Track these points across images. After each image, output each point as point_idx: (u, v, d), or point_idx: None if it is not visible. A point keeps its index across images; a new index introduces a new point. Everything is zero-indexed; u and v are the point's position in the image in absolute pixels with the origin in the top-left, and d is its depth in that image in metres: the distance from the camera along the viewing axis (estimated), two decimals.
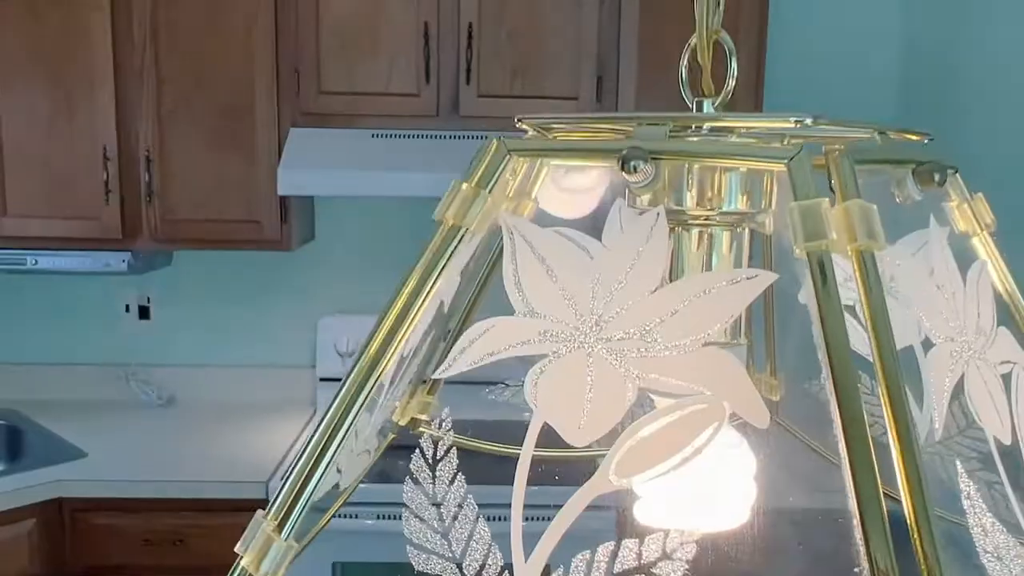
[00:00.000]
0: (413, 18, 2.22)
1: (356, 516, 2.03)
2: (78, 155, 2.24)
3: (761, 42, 2.27)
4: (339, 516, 1.90)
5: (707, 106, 0.49)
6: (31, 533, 2.01)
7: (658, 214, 0.40)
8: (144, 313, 2.67)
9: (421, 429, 0.58)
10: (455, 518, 0.41)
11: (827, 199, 0.37)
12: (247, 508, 2.05)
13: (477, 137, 2.24)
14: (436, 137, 2.24)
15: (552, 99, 2.26)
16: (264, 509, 0.41)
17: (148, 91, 2.22)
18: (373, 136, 2.24)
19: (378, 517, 2.03)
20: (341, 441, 0.40)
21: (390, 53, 2.23)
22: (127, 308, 2.66)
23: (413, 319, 0.41)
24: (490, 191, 0.43)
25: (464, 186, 0.44)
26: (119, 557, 2.08)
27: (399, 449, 1.96)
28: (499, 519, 0.43)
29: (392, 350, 0.41)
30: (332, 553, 2.06)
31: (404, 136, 2.24)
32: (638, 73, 2.25)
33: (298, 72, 2.24)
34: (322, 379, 2.60)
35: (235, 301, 2.67)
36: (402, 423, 0.60)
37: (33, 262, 2.30)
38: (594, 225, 0.45)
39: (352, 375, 0.41)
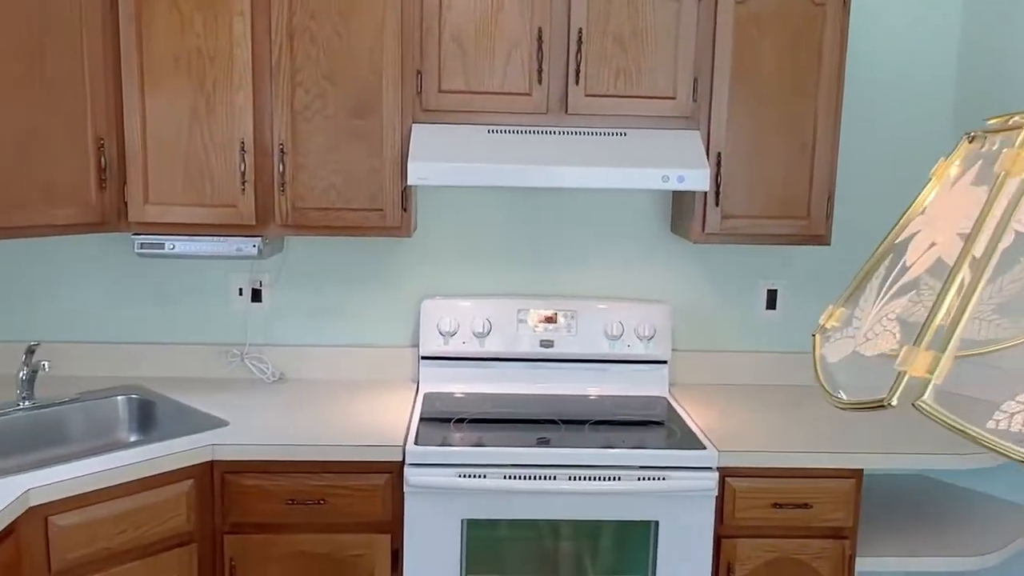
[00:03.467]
0: (527, 23, 2.42)
1: (484, 476, 2.23)
2: (218, 148, 2.43)
3: None
4: (468, 476, 2.15)
5: None
6: (188, 492, 2.20)
7: None
8: (256, 296, 2.86)
9: None
10: None
11: None
12: (383, 470, 2.28)
13: (584, 132, 2.45)
14: (546, 132, 2.44)
15: (652, 99, 2.47)
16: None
17: (283, 89, 2.42)
18: (489, 132, 2.44)
19: (505, 477, 2.23)
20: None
21: (505, 55, 2.43)
22: (240, 291, 2.86)
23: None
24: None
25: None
26: (264, 516, 2.27)
27: (527, 423, 2.20)
28: None
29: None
30: (461, 510, 2.26)
31: (517, 131, 2.44)
32: (731, 75, 2.46)
33: (420, 73, 2.44)
34: (424, 358, 2.80)
35: (343, 284, 2.87)
36: None
37: (171, 247, 2.49)
38: None
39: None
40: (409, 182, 2.33)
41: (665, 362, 2.83)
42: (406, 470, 2.24)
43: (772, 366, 2.95)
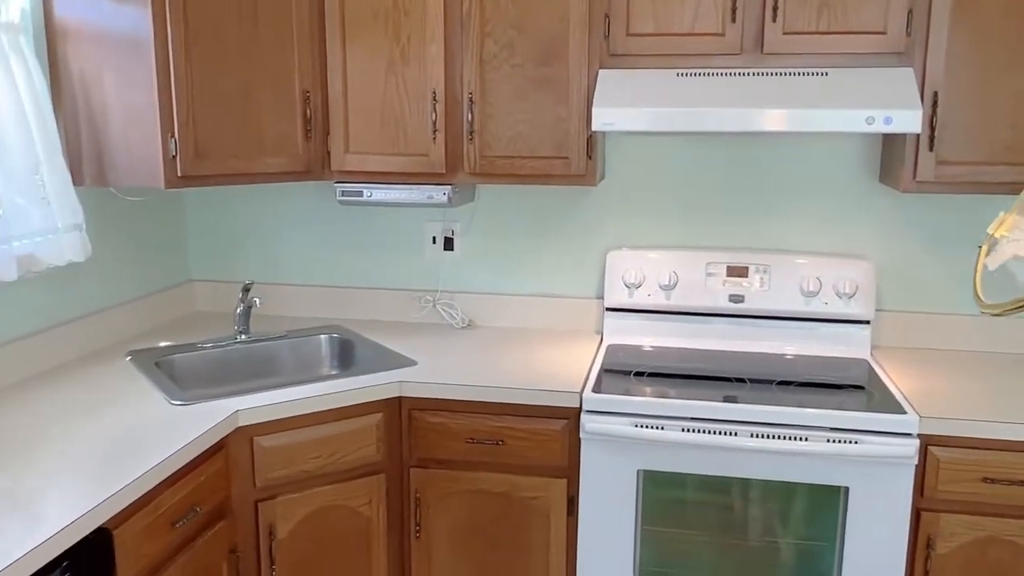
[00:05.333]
0: None
1: (663, 428, 2.19)
2: (411, 98, 2.52)
3: None
4: (644, 426, 2.09)
5: None
6: (378, 425, 2.33)
7: None
8: (448, 244, 2.95)
9: None
10: None
11: None
12: (560, 416, 2.29)
13: (780, 73, 2.30)
14: (738, 74, 2.32)
15: (859, 34, 2.28)
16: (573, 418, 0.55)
17: (472, 40, 2.46)
18: (678, 75, 2.35)
19: (683, 430, 2.18)
20: None
21: None
22: (434, 240, 2.96)
23: None
24: None
25: None
26: (446, 452, 2.36)
27: (701, 378, 2.08)
28: None
29: None
30: (637, 461, 2.23)
31: (708, 74, 2.34)
32: (953, 4, 2.21)
33: (608, 17, 2.39)
34: (608, 309, 2.78)
35: (530, 234, 2.90)
36: None
37: (369, 194, 2.62)
38: None
39: None
40: (593, 128, 2.30)
41: (867, 322, 2.64)
42: (582, 417, 2.24)
43: (988, 331, 2.67)
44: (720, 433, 2.16)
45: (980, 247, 0.80)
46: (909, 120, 2.16)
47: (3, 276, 2.15)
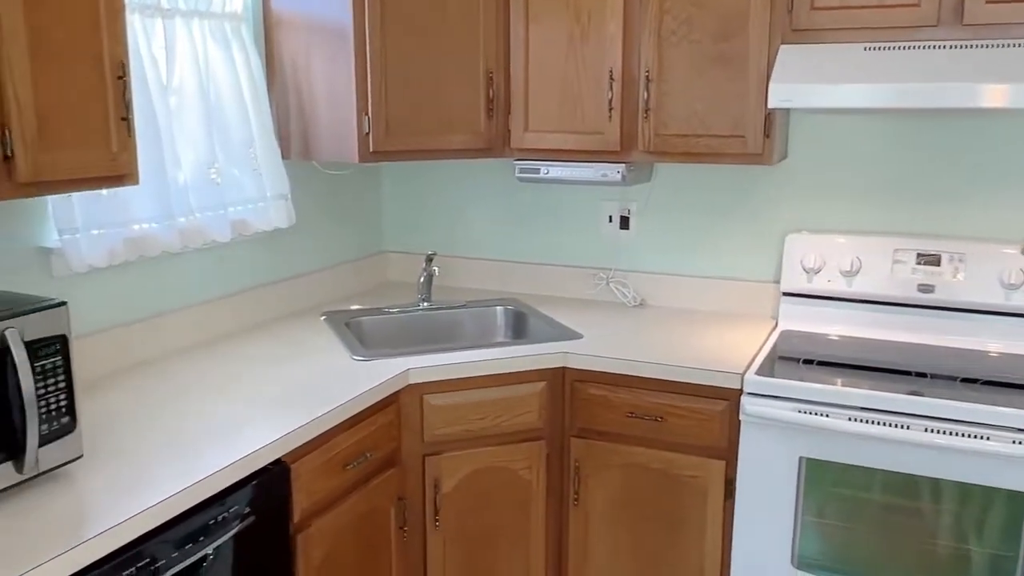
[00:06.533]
0: None
1: (828, 415, 2.11)
2: (589, 77, 2.57)
3: None
4: (807, 413, 2.02)
5: None
6: (540, 393, 2.41)
7: None
8: (624, 224, 2.98)
9: None
10: None
11: None
12: (722, 397, 2.26)
13: (981, 45, 2.14)
14: (935, 47, 2.18)
15: None
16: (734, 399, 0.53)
17: (651, 17, 2.47)
18: (865, 49, 2.24)
19: (849, 419, 2.09)
20: None
21: None
22: (610, 219, 3.00)
23: None
24: None
25: None
26: (606, 425, 2.40)
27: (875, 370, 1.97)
28: None
29: None
30: (799, 448, 2.17)
31: (899, 48, 2.21)
32: None
33: None
34: (785, 294, 2.70)
35: (705, 215, 2.87)
36: None
37: (546, 171, 2.70)
38: None
39: None
40: (770, 105, 2.25)
41: None
42: (743, 399, 2.20)
43: None
44: (890, 425, 2.06)
45: None
46: None
47: (219, 237, 2.43)
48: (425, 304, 2.90)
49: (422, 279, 2.90)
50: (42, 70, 1.58)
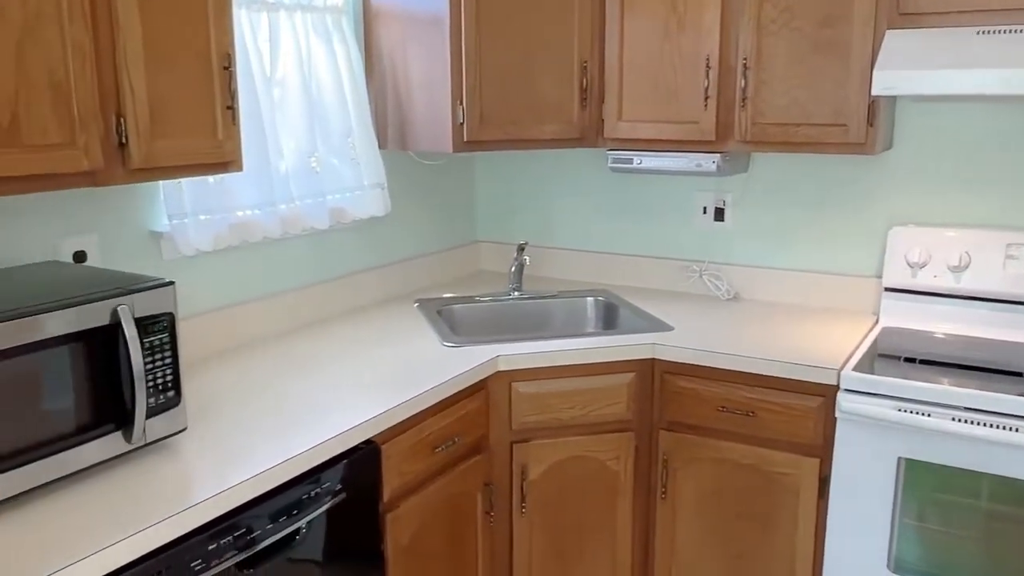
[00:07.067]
0: None
1: (930, 415, 2.03)
2: (684, 66, 2.53)
3: None
4: (907, 411, 1.94)
5: None
6: (629, 384, 2.39)
7: None
8: (719, 215, 2.93)
9: None
10: None
11: None
12: (817, 393, 2.20)
13: None
14: None
15: None
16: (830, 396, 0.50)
17: (750, 5, 2.41)
18: (978, 33, 2.14)
19: (952, 419, 2.01)
20: None
21: None
22: (704, 210, 2.95)
23: None
24: None
25: None
26: (696, 418, 2.37)
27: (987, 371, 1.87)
28: None
29: None
30: (898, 448, 2.09)
31: (1014, 31, 2.10)
32: None
33: None
34: (887, 289, 2.60)
35: (804, 207, 2.80)
36: None
37: (639, 162, 2.68)
38: None
39: None
40: (873, 93, 2.17)
41: None
42: (839, 396, 2.14)
43: None
44: (997, 427, 1.96)
45: None
46: None
47: (317, 224, 2.50)
48: (516, 293, 2.92)
49: (513, 268, 2.92)
50: (154, 62, 1.67)
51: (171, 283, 1.64)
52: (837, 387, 2.17)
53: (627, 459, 2.43)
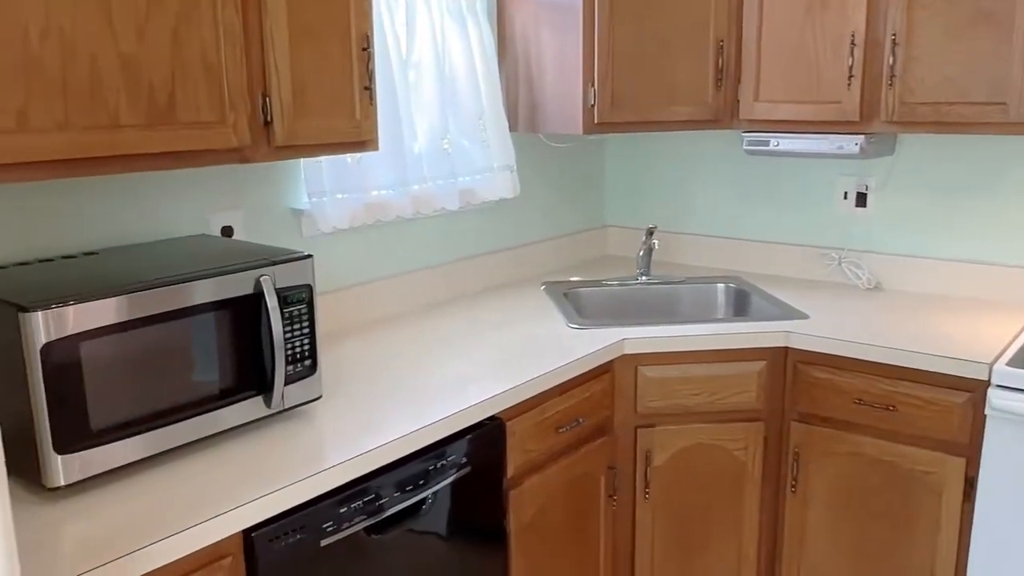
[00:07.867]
0: None
1: None
2: (827, 43, 2.42)
3: None
4: None
5: None
6: (760, 373, 2.32)
7: None
8: (861, 200, 2.79)
9: None
10: None
11: None
12: (965, 388, 2.07)
13: None
14: None
15: None
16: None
17: None
18: None
19: None
20: None
21: None
22: (845, 195, 2.82)
23: None
24: None
25: None
26: (830, 411, 2.27)
27: None
28: None
29: None
30: None
31: None
32: None
33: None
34: None
35: (955, 192, 2.63)
36: None
37: (776, 144, 2.59)
38: None
39: None
40: None
41: None
42: (989, 392, 2.00)
43: None
44: None
45: None
46: None
47: (448, 205, 2.55)
48: (644, 278, 2.88)
49: (641, 253, 2.88)
50: (297, 43, 1.73)
51: (310, 256, 1.70)
52: (988, 383, 2.03)
53: (756, 450, 2.36)
